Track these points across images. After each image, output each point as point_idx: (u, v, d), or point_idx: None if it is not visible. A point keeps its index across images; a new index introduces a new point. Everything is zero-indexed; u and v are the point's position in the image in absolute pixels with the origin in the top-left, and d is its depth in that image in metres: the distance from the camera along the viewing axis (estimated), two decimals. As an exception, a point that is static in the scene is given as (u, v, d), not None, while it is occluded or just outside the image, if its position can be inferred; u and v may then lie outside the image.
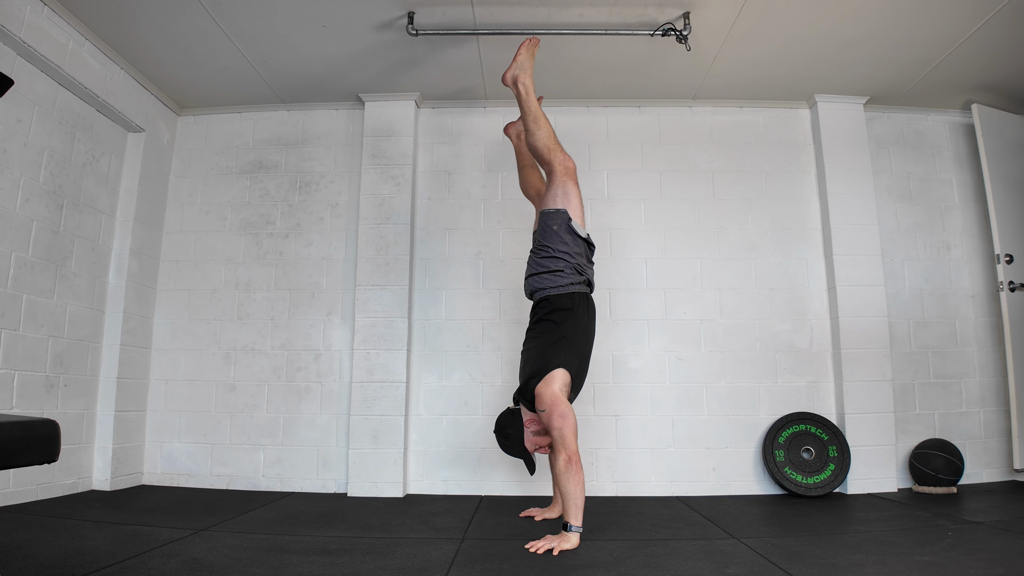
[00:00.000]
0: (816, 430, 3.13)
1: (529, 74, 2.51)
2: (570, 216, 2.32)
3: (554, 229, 2.31)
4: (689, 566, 1.83)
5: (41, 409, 2.68)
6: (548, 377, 2.18)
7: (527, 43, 2.57)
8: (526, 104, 2.45)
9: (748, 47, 3.02)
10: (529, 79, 2.49)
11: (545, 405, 2.15)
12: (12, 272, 2.56)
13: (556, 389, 2.17)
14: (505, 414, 2.35)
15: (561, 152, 2.37)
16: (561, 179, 2.34)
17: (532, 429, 2.28)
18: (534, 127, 2.40)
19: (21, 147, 2.60)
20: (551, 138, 2.39)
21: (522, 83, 2.48)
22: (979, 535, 2.14)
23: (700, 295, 3.34)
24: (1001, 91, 3.40)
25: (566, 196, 2.33)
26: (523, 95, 2.47)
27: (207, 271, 3.45)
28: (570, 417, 2.13)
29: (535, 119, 2.41)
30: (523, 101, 2.46)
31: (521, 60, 2.53)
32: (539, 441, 2.29)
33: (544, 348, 2.24)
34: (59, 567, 1.70)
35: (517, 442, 2.28)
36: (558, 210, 2.32)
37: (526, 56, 2.54)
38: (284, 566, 1.81)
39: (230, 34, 2.92)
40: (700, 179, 3.47)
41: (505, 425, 2.31)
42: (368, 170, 3.39)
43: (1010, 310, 3.17)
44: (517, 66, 2.52)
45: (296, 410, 3.28)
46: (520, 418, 2.30)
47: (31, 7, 2.53)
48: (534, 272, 2.35)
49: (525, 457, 2.28)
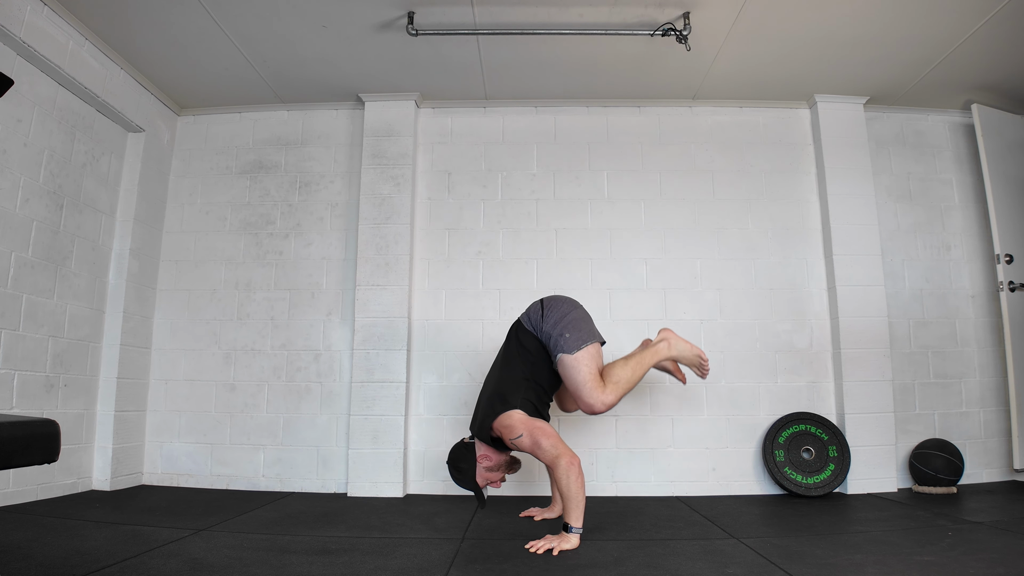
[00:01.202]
0: (816, 430, 3.13)
1: (670, 353, 2.35)
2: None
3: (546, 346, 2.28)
4: (689, 566, 1.83)
5: (41, 409, 2.68)
6: (505, 415, 2.18)
7: (702, 357, 2.36)
8: (647, 353, 2.32)
9: (748, 47, 3.02)
10: (667, 353, 2.35)
11: (522, 430, 2.14)
12: (12, 272, 2.56)
13: (519, 417, 2.17)
14: (459, 447, 2.32)
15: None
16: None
17: (484, 464, 2.28)
18: (629, 369, 2.25)
19: (21, 147, 2.60)
20: (617, 388, 2.22)
21: (660, 347, 2.34)
22: (979, 535, 2.13)
23: (700, 295, 3.34)
24: (1001, 91, 3.40)
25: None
26: (653, 349, 2.34)
27: (207, 271, 3.45)
28: (549, 429, 2.16)
29: (639, 363, 2.28)
30: (648, 350, 2.34)
31: (682, 346, 2.35)
32: (490, 476, 2.30)
33: (505, 380, 2.27)
34: (59, 567, 1.70)
35: (469, 477, 2.27)
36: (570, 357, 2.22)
37: (687, 352, 2.36)
38: (284, 566, 1.81)
39: (230, 34, 2.92)
40: (700, 179, 3.47)
41: (458, 459, 2.29)
42: (368, 170, 3.39)
43: (1010, 310, 3.17)
44: (676, 342, 2.36)
45: (296, 410, 3.28)
46: (474, 452, 2.29)
47: (31, 7, 2.53)
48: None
49: (476, 491, 2.27)
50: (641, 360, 2.29)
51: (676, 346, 2.35)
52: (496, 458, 2.28)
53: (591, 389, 2.17)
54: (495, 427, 2.20)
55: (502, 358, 2.38)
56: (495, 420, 2.20)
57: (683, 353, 2.36)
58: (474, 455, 2.28)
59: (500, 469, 2.32)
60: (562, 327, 2.24)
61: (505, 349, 2.39)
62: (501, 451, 2.29)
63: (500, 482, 2.34)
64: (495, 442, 2.25)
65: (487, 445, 2.27)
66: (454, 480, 2.31)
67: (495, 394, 2.25)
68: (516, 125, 3.55)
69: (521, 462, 2.43)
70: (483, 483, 2.29)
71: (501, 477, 2.33)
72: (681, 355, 2.36)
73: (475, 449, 2.29)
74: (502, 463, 2.31)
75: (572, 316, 2.28)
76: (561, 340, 2.22)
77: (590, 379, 2.18)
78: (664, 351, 2.33)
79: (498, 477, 2.32)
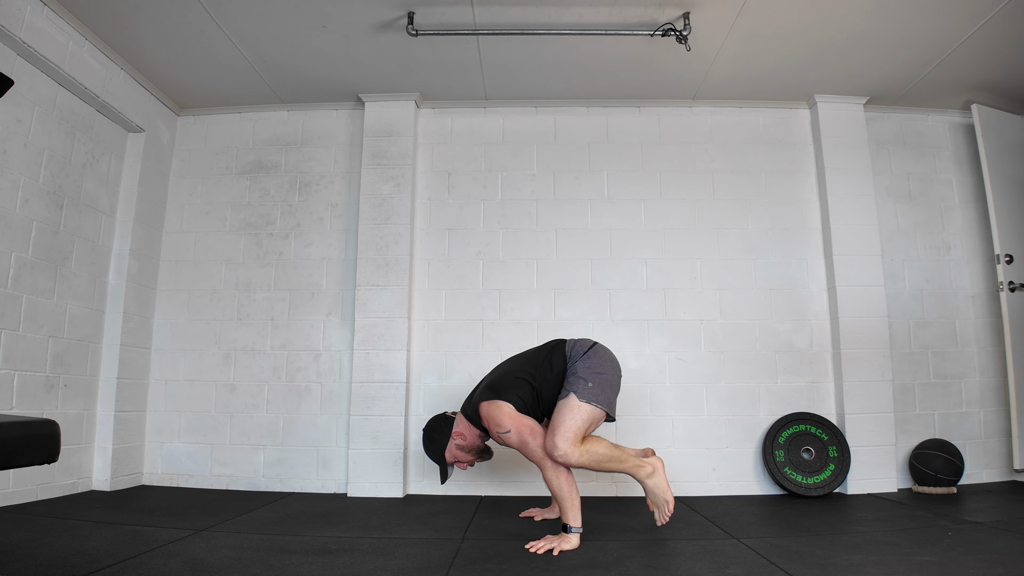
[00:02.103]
0: (816, 430, 3.13)
1: (651, 478, 2.22)
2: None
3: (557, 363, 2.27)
4: (689, 566, 1.83)
5: (41, 409, 2.68)
6: (496, 404, 2.18)
7: (671, 506, 2.22)
8: (631, 462, 2.20)
9: (748, 47, 3.02)
10: (648, 478, 2.22)
11: (511, 425, 2.14)
12: (12, 272, 2.56)
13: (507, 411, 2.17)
14: (437, 418, 2.35)
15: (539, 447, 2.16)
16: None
17: (457, 442, 2.30)
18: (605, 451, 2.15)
19: (21, 147, 2.60)
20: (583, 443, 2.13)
21: (647, 471, 2.22)
22: (979, 535, 2.14)
23: (700, 295, 3.34)
24: (1001, 91, 3.40)
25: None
26: (642, 468, 2.21)
27: (207, 271, 3.45)
28: (538, 428, 2.17)
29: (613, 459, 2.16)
30: (636, 463, 2.20)
31: (663, 486, 2.22)
32: (459, 455, 2.32)
33: (510, 373, 2.28)
34: (59, 567, 1.70)
35: (439, 449, 2.29)
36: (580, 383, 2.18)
37: (661, 491, 2.21)
38: (284, 566, 1.81)
39: (230, 34, 2.92)
40: (700, 179, 3.47)
41: (433, 429, 2.33)
42: (368, 170, 3.39)
43: (1010, 310, 3.17)
44: (661, 480, 2.22)
45: (296, 410, 3.28)
46: (450, 426, 2.31)
47: (31, 7, 2.53)
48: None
49: (441, 464, 2.28)
50: (623, 457, 2.17)
51: (656, 479, 2.21)
52: (471, 439, 2.30)
53: (567, 435, 2.08)
54: (483, 415, 2.21)
55: (522, 356, 2.38)
56: (485, 404, 2.20)
57: (657, 487, 2.20)
58: (450, 428, 2.30)
59: (471, 452, 2.33)
60: (592, 376, 2.19)
61: (532, 352, 2.38)
62: (480, 434, 2.30)
63: (467, 465, 2.35)
64: (477, 425, 2.27)
65: (467, 423, 2.29)
66: (424, 448, 2.34)
67: (494, 382, 2.27)
68: (516, 125, 3.55)
69: (493, 452, 2.44)
70: (450, 460, 2.31)
71: (470, 460, 2.34)
72: (655, 488, 2.20)
73: (452, 424, 2.31)
74: (475, 447, 2.33)
75: (607, 376, 2.22)
76: (581, 383, 2.17)
77: (573, 428, 2.09)
78: (644, 472, 2.20)
79: (467, 459, 2.33)
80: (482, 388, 2.30)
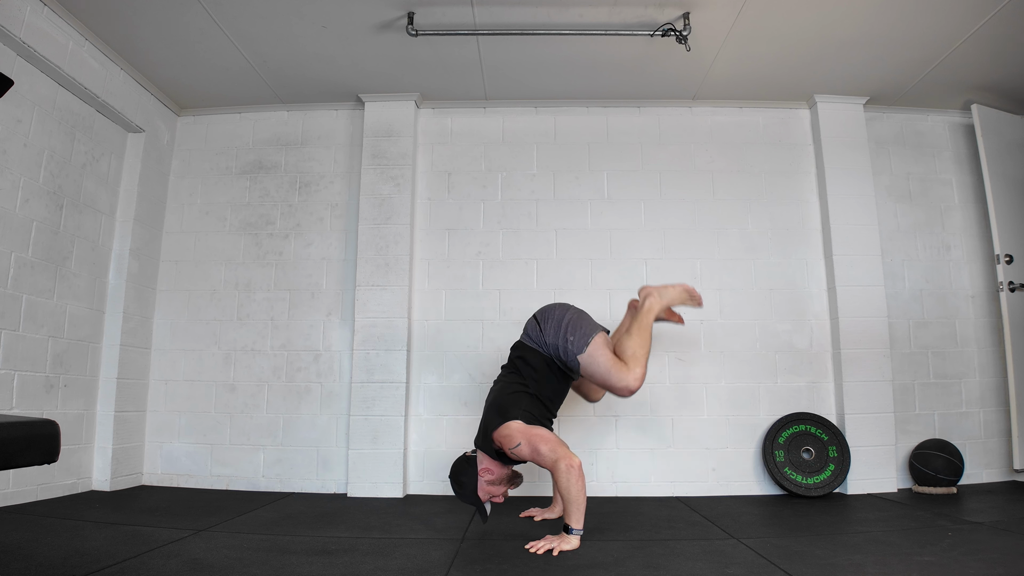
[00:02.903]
0: (816, 430, 3.13)
1: (662, 306, 2.40)
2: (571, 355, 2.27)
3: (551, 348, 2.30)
4: (689, 567, 1.83)
5: (41, 409, 2.68)
6: (504, 426, 2.17)
7: (689, 289, 2.45)
8: (643, 317, 2.35)
9: (748, 47, 3.02)
10: (659, 307, 2.39)
11: (520, 438, 2.13)
12: (12, 272, 2.56)
13: (517, 427, 2.16)
14: (460, 461, 2.30)
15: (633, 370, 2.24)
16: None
17: (486, 479, 2.24)
18: (637, 339, 2.28)
19: (21, 147, 2.60)
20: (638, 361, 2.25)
21: (650, 303, 2.38)
22: (979, 535, 2.14)
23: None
24: (1001, 91, 3.40)
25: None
26: (644, 309, 2.38)
27: (207, 271, 3.45)
28: (547, 434, 2.17)
29: (642, 341, 2.29)
30: (641, 313, 2.37)
31: (670, 293, 2.42)
32: (492, 491, 2.26)
33: (503, 394, 2.27)
34: (59, 567, 1.70)
35: (471, 491, 2.24)
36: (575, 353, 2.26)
37: (676, 296, 2.43)
38: (284, 567, 1.81)
39: (230, 34, 2.92)
40: (700, 179, 3.47)
41: (459, 472, 2.27)
42: (368, 170, 3.39)
43: (1010, 310, 3.17)
44: (661, 292, 2.41)
45: (296, 410, 3.28)
46: (475, 466, 2.26)
47: (31, 7, 2.53)
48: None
49: (478, 505, 2.25)
50: (641, 326, 2.32)
51: (665, 295, 2.41)
52: (498, 471, 2.25)
53: (617, 373, 2.20)
54: (495, 438, 2.18)
55: (504, 376, 2.39)
56: (495, 432, 2.18)
57: (673, 298, 2.42)
58: (475, 468, 2.24)
59: (502, 483, 2.27)
60: (564, 333, 2.26)
61: (508, 367, 2.41)
62: (504, 464, 2.25)
63: (503, 497, 2.30)
64: (499, 455, 2.22)
65: (489, 458, 2.24)
66: (456, 494, 2.27)
67: (494, 406, 2.25)
68: (516, 125, 3.55)
69: (523, 476, 2.39)
70: (485, 497, 2.25)
71: (504, 492, 2.29)
72: (672, 300, 2.42)
73: (476, 463, 2.26)
74: (504, 477, 2.27)
75: (568, 319, 2.30)
76: (569, 345, 2.25)
77: (612, 366, 2.21)
78: (657, 305, 2.38)
79: (500, 491, 2.28)
80: (486, 419, 2.26)
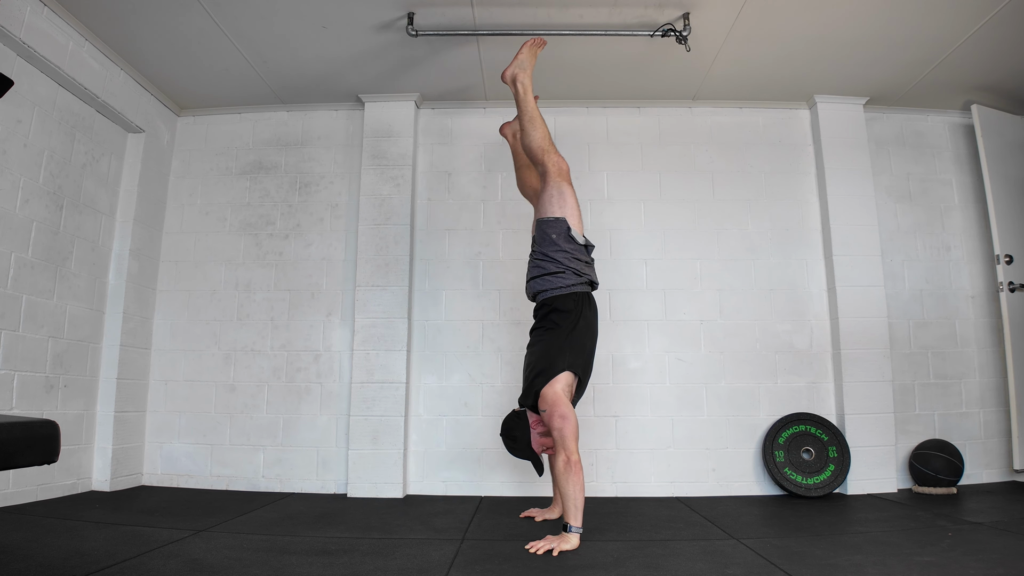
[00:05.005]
0: (816, 431, 3.13)
1: (529, 74, 2.51)
2: (569, 225, 2.31)
3: (552, 238, 2.30)
4: (689, 567, 1.83)
5: (41, 410, 2.68)
6: (553, 380, 2.18)
7: (531, 43, 2.56)
8: (523, 103, 2.45)
9: (748, 48, 3.02)
10: (528, 79, 2.49)
11: (547, 405, 2.16)
12: (12, 272, 2.56)
13: (559, 389, 2.17)
14: (511, 416, 2.36)
15: (555, 154, 2.37)
16: (555, 181, 2.34)
17: (538, 431, 2.29)
18: (529, 127, 2.40)
19: (21, 148, 2.60)
20: (546, 139, 2.38)
21: (520, 82, 2.48)
22: (979, 536, 2.14)
23: (700, 295, 3.34)
24: (1001, 91, 3.40)
25: (562, 200, 2.32)
26: (520, 94, 2.47)
27: (207, 272, 3.45)
28: (571, 418, 2.14)
29: (531, 119, 2.41)
30: (520, 100, 2.47)
31: (522, 59, 2.53)
32: (546, 442, 2.29)
33: (548, 350, 2.24)
34: (59, 568, 1.70)
35: (524, 444, 2.30)
36: (557, 219, 2.31)
37: (527, 55, 2.54)
38: (284, 567, 1.81)
39: (230, 35, 2.92)
40: (700, 179, 3.47)
41: (512, 428, 2.33)
42: (368, 171, 3.39)
43: (1010, 310, 3.17)
44: (517, 64, 2.52)
45: (296, 411, 3.28)
46: (526, 420, 2.31)
47: (31, 8, 2.53)
48: (535, 275, 2.34)
49: (533, 458, 2.29)
50: (529, 115, 2.41)
51: (523, 64, 2.52)
52: None
53: (550, 170, 2.35)
54: (541, 392, 2.18)
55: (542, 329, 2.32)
56: (545, 383, 2.17)
57: (528, 59, 2.53)
58: (527, 422, 2.29)
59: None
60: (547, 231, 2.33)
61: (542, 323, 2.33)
62: None
63: (552, 449, 2.29)
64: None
65: (535, 415, 2.28)
66: (508, 450, 2.32)
67: (544, 356, 2.22)
68: (516, 125, 3.55)
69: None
70: (539, 449, 2.29)
71: (551, 443, 2.28)
72: (530, 62, 2.53)
73: (527, 416, 2.29)
74: None
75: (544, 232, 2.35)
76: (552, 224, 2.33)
77: (548, 187, 2.36)
78: (527, 80, 2.50)
79: (550, 443, 2.27)
80: (533, 375, 2.23)
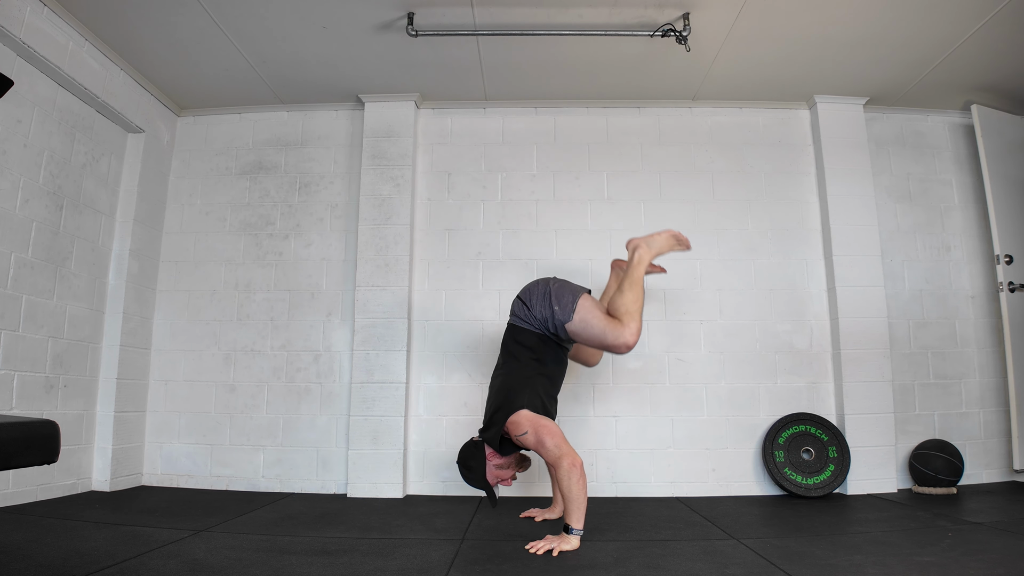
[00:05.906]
0: (816, 431, 3.13)
1: (652, 255, 2.38)
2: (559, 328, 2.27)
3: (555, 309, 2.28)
4: (689, 567, 1.83)
5: (41, 410, 2.68)
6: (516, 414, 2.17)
7: (674, 234, 2.41)
8: (633, 271, 2.32)
9: (748, 48, 3.02)
10: (648, 257, 2.37)
11: (527, 427, 2.14)
12: (12, 272, 2.56)
13: (525, 415, 2.17)
14: (468, 446, 2.31)
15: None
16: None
17: (495, 462, 2.27)
18: (630, 291, 2.26)
19: (21, 148, 2.60)
20: (638, 313, 2.24)
21: (639, 255, 2.35)
22: (979, 536, 2.14)
23: (700, 295, 3.34)
24: (1001, 91, 3.40)
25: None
26: (634, 263, 2.34)
27: (207, 272, 3.45)
28: (555, 428, 2.16)
29: (633, 283, 2.28)
30: (631, 267, 2.34)
31: (657, 241, 2.39)
32: (501, 474, 2.29)
33: (509, 384, 2.26)
34: (59, 568, 1.70)
35: (479, 475, 2.26)
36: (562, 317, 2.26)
37: (664, 242, 2.39)
38: (284, 567, 1.81)
39: (230, 35, 2.92)
40: (700, 180, 3.47)
41: (468, 457, 2.28)
42: (368, 171, 3.39)
43: (1010, 310, 3.17)
44: (650, 241, 2.38)
45: (296, 411, 3.28)
46: (483, 450, 2.27)
47: (31, 7, 2.53)
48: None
49: (487, 490, 2.26)
50: (633, 280, 2.28)
51: (653, 244, 2.37)
52: (506, 456, 2.29)
53: (613, 331, 2.18)
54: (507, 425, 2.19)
55: (503, 361, 2.38)
56: (503, 419, 2.19)
57: (662, 245, 2.38)
58: (483, 452, 2.27)
59: (510, 467, 2.31)
60: (550, 304, 2.27)
61: (505, 352, 2.39)
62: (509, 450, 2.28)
63: (511, 480, 2.33)
64: (502, 443, 2.24)
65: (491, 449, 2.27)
66: (464, 479, 2.29)
67: (501, 391, 2.26)
68: (516, 126, 3.55)
69: (531, 460, 2.42)
70: (493, 481, 2.28)
71: (512, 475, 2.33)
72: (661, 248, 2.38)
73: (484, 447, 2.28)
74: (512, 460, 2.31)
75: (550, 290, 2.32)
76: (555, 315, 2.26)
77: (605, 325, 2.20)
78: (647, 256, 2.34)
79: (509, 475, 2.31)
80: (494, 406, 2.26)
